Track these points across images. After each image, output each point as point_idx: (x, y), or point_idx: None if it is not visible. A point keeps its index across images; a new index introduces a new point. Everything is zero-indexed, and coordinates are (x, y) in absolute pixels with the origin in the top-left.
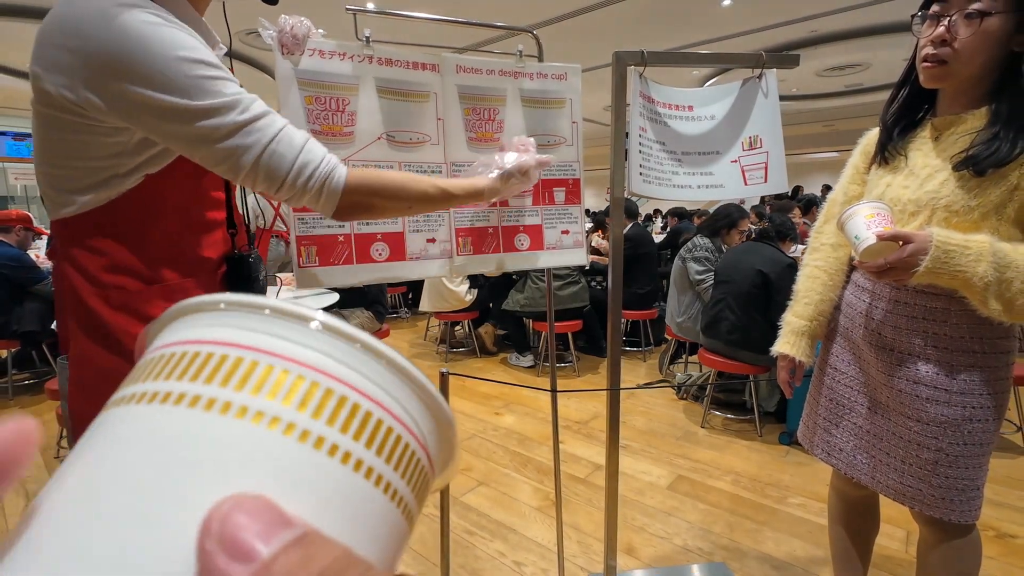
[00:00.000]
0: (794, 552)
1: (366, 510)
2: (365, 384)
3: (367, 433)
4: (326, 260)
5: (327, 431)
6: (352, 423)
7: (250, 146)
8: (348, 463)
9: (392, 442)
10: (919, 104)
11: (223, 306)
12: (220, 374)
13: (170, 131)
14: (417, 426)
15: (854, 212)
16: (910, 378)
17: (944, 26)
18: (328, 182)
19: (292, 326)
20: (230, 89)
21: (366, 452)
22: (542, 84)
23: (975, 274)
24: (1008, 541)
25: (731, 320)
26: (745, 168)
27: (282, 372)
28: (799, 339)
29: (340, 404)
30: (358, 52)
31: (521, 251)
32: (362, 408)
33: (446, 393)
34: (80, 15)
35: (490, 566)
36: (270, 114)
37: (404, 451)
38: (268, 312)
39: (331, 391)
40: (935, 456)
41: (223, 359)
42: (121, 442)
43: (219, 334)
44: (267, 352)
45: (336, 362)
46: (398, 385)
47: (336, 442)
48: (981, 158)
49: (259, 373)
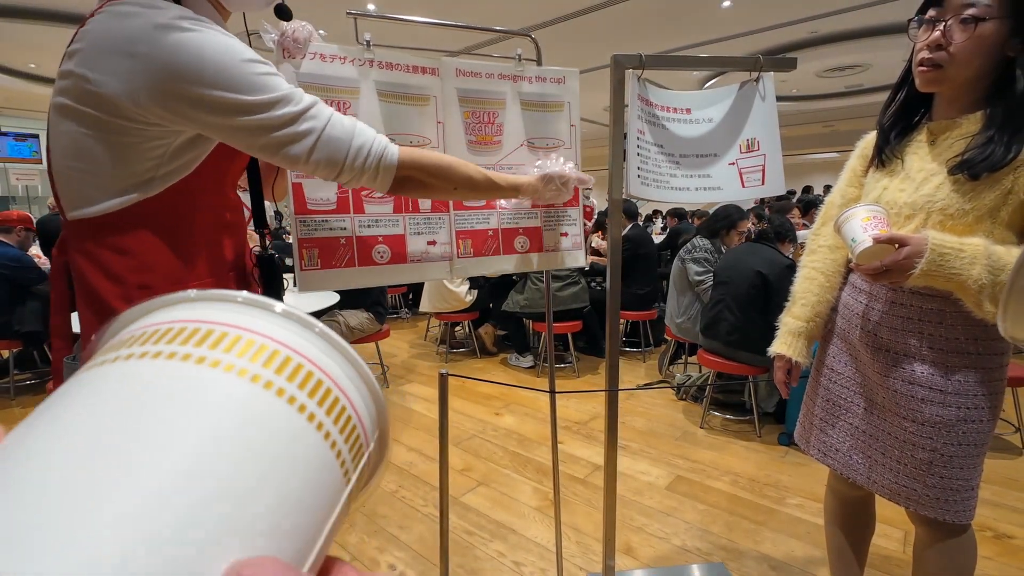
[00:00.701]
0: (792, 552)
1: (305, 445)
2: (315, 354)
3: (309, 386)
4: (328, 263)
5: (278, 380)
6: (297, 377)
7: (308, 132)
8: (294, 405)
9: (331, 401)
10: (916, 108)
11: (193, 296)
12: (181, 338)
13: (234, 124)
14: (354, 395)
15: (851, 215)
16: (906, 379)
17: (940, 31)
18: (384, 159)
19: (257, 311)
20: (282, 83)
21: (309, 400)
22: (541, 88)
23: (970, 277)
24: (1005, 542)
25: (730, 321)
26: (743, 170)
27: (237, 338)
28: (796, 340)
29: (287, 363)
30: (359, 56)
31: (521, 253)
32: (304, 368)
33: (445, 393)
34: (144, 25)
35: (489, 566)
36: (318, 104)
37: (341, 410)
38: (240, 300)
39: (278, 352)
40: (930, 456)
41: (186, 330)
42: (100, 387)
43: (184, 314)
44: (232, 326)
45: (289, 335)
46: (337, 359)
47: (284, 388)
48: (976, 162)
49: (217, 338)
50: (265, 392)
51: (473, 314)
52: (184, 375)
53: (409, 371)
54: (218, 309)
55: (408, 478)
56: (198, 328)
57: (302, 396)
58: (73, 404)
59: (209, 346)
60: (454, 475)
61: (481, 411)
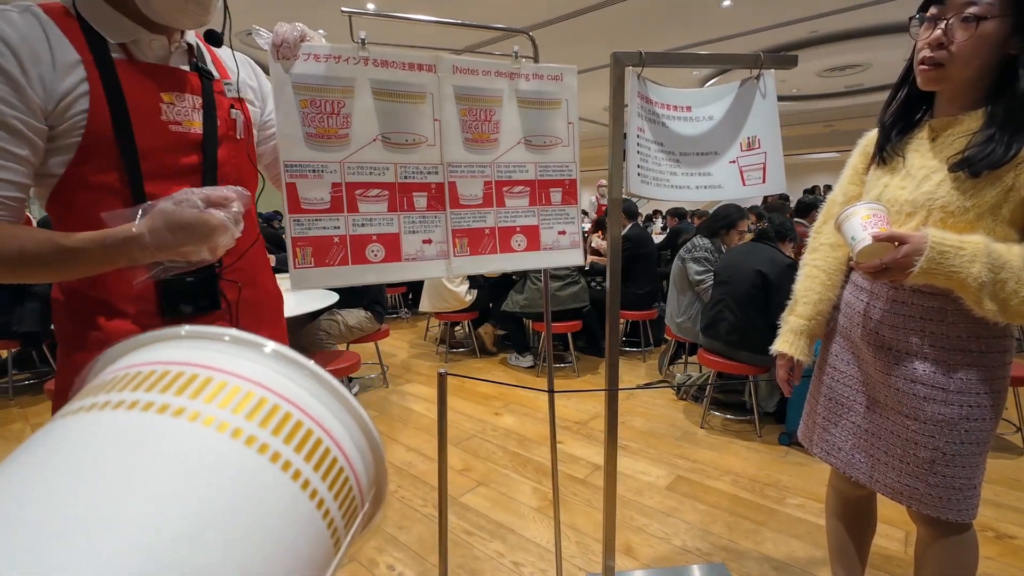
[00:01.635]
0: (793, 553)
1: (288, 513)
2: (306, 400)
3: (297, 439)
4: (321, 261)
5: (262, 433)
6: (284, 429)
7: None
8: (277, 463)
9: (321, 454)
10: (917, 106)
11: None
12: (162, 384)
13: None
14: (350, 447)
15: (851, 213)
16: (908, 377)
17: (941, 29)
18: None
19: (245, 352)
20: None
21: (296, 455)
22: (538, 85)
23: (970, 275)
24: (1007, 542)
25: (730, 320)
26: (743, 169)
27: (223, 384)
28: (797, 338)
29: (273, 413)
30: (353, 54)
31: (518, 252)
32: (294, 417)
33: (444, 393)
34: None
35: (488, 566)
36: None
37: (332, 464)
38: (228, 339)
39: (265, 400)
40: (932, 455)
41: (168, 374)
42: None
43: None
44: (217, 369)
45: (280, 379)
46: (333, 404)
47: (268, 443)
48: (976, 160)
49: (201, 386)
50: (246, 450)
51: (473, 314)
52: (155, 432)
53: (408, 371)
54: (205, 349)
55: (407, 478)
56: (181, 372)
57: (288, 452)
58: (36, 463)
59: (190, 394)
60: (453, 475)
61: (480, 411)
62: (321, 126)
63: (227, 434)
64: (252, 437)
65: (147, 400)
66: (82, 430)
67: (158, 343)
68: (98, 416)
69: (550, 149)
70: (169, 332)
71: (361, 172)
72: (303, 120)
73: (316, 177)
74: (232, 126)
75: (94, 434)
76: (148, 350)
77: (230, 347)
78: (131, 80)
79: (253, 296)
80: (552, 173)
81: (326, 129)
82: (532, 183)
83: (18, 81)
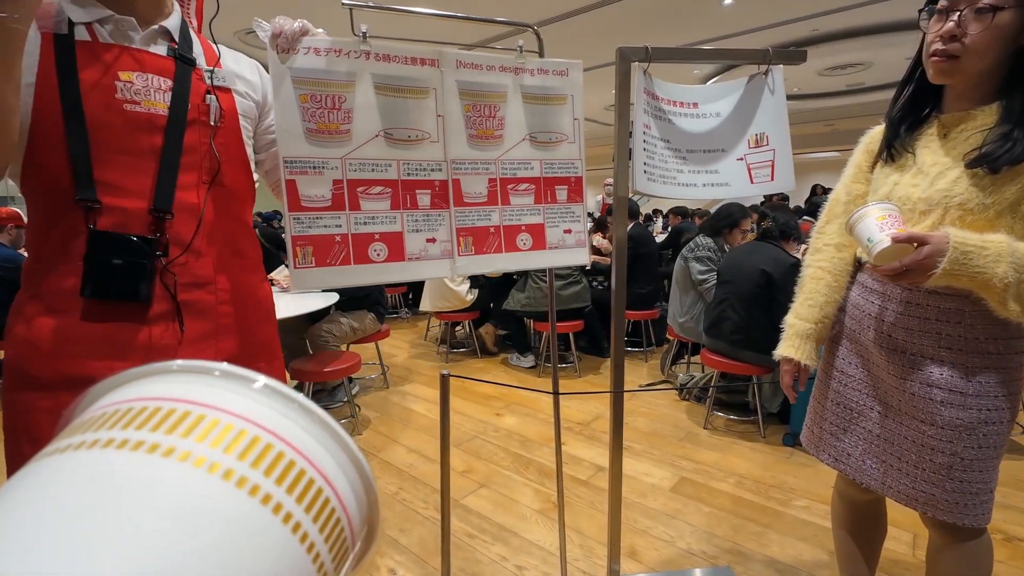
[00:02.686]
0: (800, 556)
1: (275, 556)
2: (298, 436)
3: (290, 478)
4: (322, 261)
5: (252, 473)
6: (276, 469)
7: None
8: (268, 504)
9: (312, 493)
10: (925, 100)
11: None
12: (152, 423)
13: None
14: (342, 486)
15: (864, 214)
16: (923, 381)
17: (954, 21)
18: None
19: (235, 386)
20: None
21: (287, 496)
22: (543, 80)
23: (995, 275)
24: (1017, 544)
25: (734, 320)
26: (751, 166)
27: (215, 422)
28: (803, 342)
29: (266, 452)
30: (354, 48)
31: (523, 251)
32: (286, 456)
33: (447, 395)
34: None
35: (491, 570)
36: None
37: (324, 504)
38: (218, 374)
39: (258, 438)
40: (950, 460)
41: (160, 411)
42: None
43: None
44: (206, 405)
45: (271, 415)
46: (325, 440)
47: (259, 484)
48: (996, 155)
49: (191, 423)
50: (236, 491)
51: (474, 314)
52: (142, 472)
53: (409, 371)
54: (196, 383)
55: (408, 480)
56: (173, 409)
57: (279, 493)
58: (16, 505)
59: (181, 433)
60: (455, 477)
61: (482, 412)
62: (322, 121)
63: (218, 475)
64: (243, 478)
65: (137, 439)
66: (66, 470)
67: (148, 377)
68: (85, 455)
69: (556, 146)
70: (159, 366)
71: (363, 169)
72: (303, 115)
73: (316, 174)
74: (205, 111)
75: (77, 474)
76: (137, 385)
77: (221, 381)
78: (87, 58)
79: (236, 295)
80: (558, 170)
81: (327, 124)
82: (537, 180)
83: None
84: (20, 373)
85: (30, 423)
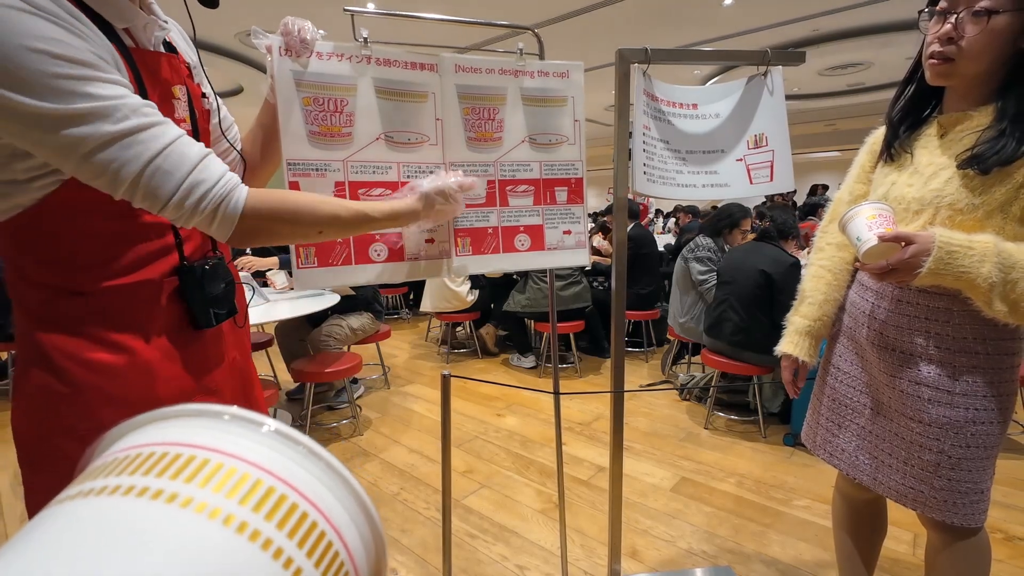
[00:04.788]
0: (800, 556)
1: None
2: (305, 481)
3: (291, 523)
4: (324, 261)
5: (255, 519)
6: (278, 513)
7: (128, 160)
8: (268, 550)
9: (316, 539)
10: (926, 101)
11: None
12: (159, 468)
13: (34, 139)
14: (350, 533)
15: (856, 213)
16: (912, 379)
17: (951, 23)
18: (224, 204)
19: (244, 431)
20: (105, 92)
21: (288, 542)
22: (543, 82)
23: (979, 275)
24: (1017, 544)
25: (734, 320)
26: (751, 167)
27: (219, 466)
28: (802, 339)
29: (268, 495)
30: (356, 53)
31: (521, 251)
32: (289, 500)
33: (447, 395)
34: None
35: (492, 570)
36: (158, 125)
37: (328, 550)
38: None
39: (260, 482)
40: (937, 458)
41: (167, 456)
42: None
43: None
44: (215, 450)
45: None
46: (334, 485)
47: (260, 530)
48: (986, 156)
49: (201, 469)
50: (236, 537)
51: (474, 314)
52: (142, 519)
53: (410, 372)
54: (205, 428)
55: (409, 480)
56: (179, 454)
57: (281, 538)
58: (28, 551)
59: (185, 478)
60: (456, 477)
61: (483, 412)
62: (324, 124)
63: (219, 520)
64: (244, 523)
65: (143, 485)
66: (81, 517)
67: (159, 422)
68: (93, 502)
69: (556, 147)
70: (171, 411)
71: (364, 171)
72: (306, 118)
73: (319, 176)
74: (207, 117)
75: (90, 521)
76: (147, 430)
77: (229, 425)
78: (146, 73)
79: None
80: (558, 172)
81: (329, 127)
82: (537, 182)
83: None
84: (136, 400)
85: None
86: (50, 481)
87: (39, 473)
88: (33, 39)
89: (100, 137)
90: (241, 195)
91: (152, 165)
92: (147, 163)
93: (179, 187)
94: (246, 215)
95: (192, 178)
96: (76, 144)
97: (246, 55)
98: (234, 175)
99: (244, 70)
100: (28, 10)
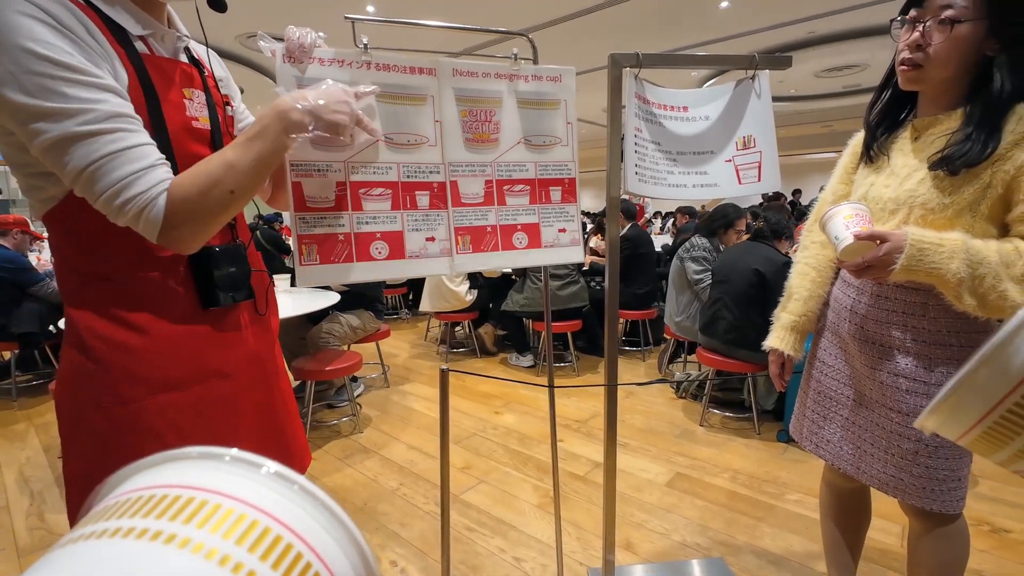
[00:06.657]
0: (791, 547)
1: None
2: (302, 521)
3: (286, 563)
4: (327, 258)
5: (250, 560)
6: (272, 553)
7: (78, 157)
8: None
9: None
10: (901, 106)
11: None
12: (159, 510)
13: (17, 129)
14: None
15: (834, 213)
16: (891, 371)
17: (920, 31)
18: (147, 210)
19: (244, 471)
20: (80, 95)
21: None
22: (537, 86)
23: (949, 270)
24: (1002, 536)
25: (729, 319)
26: (739, 167)
27: (216, 507)
28: (788, 334)
29: (264, 536)
30: (356, 59)
31: (519, 249)
32: (284, 540)
33: (446, 389)
34: None
35: (490, 562)
36: (119, 131)
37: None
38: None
39: (256, 523)
40: (915, 446)
41: (167, 498)
42: None
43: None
44: (214, 491)
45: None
46: (331, 527)
47: (255, 570)
48: (954, 158)
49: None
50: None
51: (473, 314)
52: (140, 560)
53: (410, 371)
54: (206, 470)
55: (409, 476)
56: (179, 496)
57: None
58: None
59: (183, 520)
60: (454, 473)
61: (481, 410)
62: None
63: (215, 561)
64: (240, 564)
65: (142, 527)
66: (85, 560)
67: (162, 465)
68: (94, 545)
69: (549, 148)
70: (176, 453)
71: (365, 171)
72: None
73: (321, 176)
74: (231, 123)
75: (84, 563)
76: (150, 473)
77: (229, 467)
78: (157, 76)
79: (259, 282)
80: (552, 172)
81: None
82: (532, 182)
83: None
84: (151, 377)
85: (178, 421)
86: (81, 450)
87: (73, 443)
88: (29, 41)
89: (62, 133)
90: (159, 208)
91: (96, 164)
92: (92, 162)
93: (110, 188)
94: (168, 217)
95: (125, 182)
96: (38, 135)
97: (246, 57)
98: (165, 183)
99: (244, 71)
100: (37, 16)
